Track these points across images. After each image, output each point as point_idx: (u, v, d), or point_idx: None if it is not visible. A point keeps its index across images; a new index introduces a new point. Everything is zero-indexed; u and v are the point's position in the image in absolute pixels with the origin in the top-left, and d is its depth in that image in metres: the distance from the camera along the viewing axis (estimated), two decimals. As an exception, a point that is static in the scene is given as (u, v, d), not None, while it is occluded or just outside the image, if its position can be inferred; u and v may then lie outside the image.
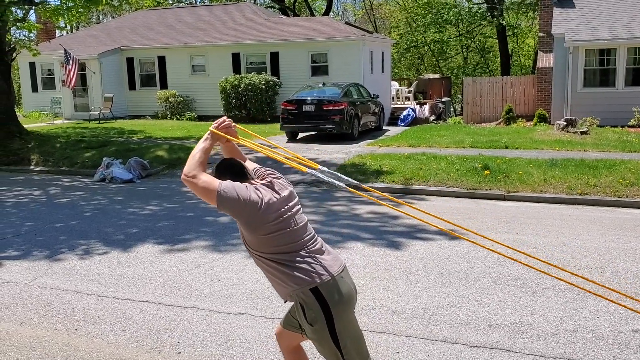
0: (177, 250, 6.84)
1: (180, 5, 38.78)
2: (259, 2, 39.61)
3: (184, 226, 7.94)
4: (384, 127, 19.40)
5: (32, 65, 24.80)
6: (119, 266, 6.26)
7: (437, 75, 31.77)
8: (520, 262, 3.77)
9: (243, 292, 5.40)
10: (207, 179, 2.79)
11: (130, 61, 24.04)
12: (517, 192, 9.57)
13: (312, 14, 38.30)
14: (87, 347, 4.37)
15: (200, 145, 2.95)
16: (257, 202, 2.74)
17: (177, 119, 22.44)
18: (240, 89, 20.95)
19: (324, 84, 17.70)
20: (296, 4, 39.30)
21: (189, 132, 17.70)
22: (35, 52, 17.35)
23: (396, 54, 37.70)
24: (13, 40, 18.31)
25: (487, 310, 4.90)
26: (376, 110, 18.35)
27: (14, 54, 16.52)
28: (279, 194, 2.85)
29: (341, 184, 3.08)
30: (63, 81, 22.98)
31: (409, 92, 26.36)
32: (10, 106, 15.79)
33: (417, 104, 23.74)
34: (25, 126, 16.73)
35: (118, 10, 21.39)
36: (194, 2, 42.59)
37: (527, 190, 9.58)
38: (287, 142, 15.72)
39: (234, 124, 3.07)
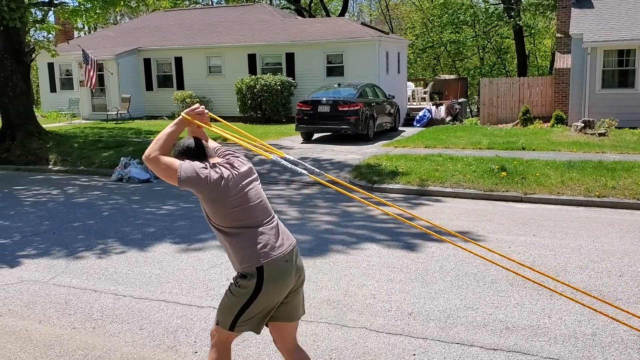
0: (194, 249, 6.88)
1: (197, 6, 39.00)
2: (275, 3, 39.72)
3: (200, 226, 7.98)
4: (400, 128, 19.36)
5: (50, 66, 25.11)
6: (136, 265, 6.31)
7: (453, 76, 31.61)
8: (494, 262, 3.75)
9: (259, 293, 5.41)
10: (168, 160, 2.94)
11: (147, 62, 24.24)
12: (534, 194, 9.49)
13: (328, 15, 38.31)
14: (105, 346, 4.41)
15: (168, 129, 3.06)
16: (217, 179, 2.89)
17: (193, 120, 22.53)
18: (255, 90, 21.02)
19: (339, 84, 17.70)
20: (312, 4, 39.34)
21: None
22: (53, 52, 17.55)
23: (412, 54, 37.59)
24: (32, 41, 18.54)
25: (503, 312, 4.86)
26: (392, 111, 18.31)
27: (33, 55, 16.71)
28: (238, 170, 3.00)
29: (304, 172, 3.22)
30: (81, 82, 23.25)
31: (425, 92, 26.25)
32: (30, 106, 15.98)
33: (433, 104, 23.65)
34: (44, 126, 16.93)
35: (135, 12, 21.57)
36: (210, 3, 42.80)
37: (544, 192, 9.50)
38: (302, 143, 15.75)
39: (207, 111, 3.20)
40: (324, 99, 16.02)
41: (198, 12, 29.83)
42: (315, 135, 16.75)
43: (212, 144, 3.25)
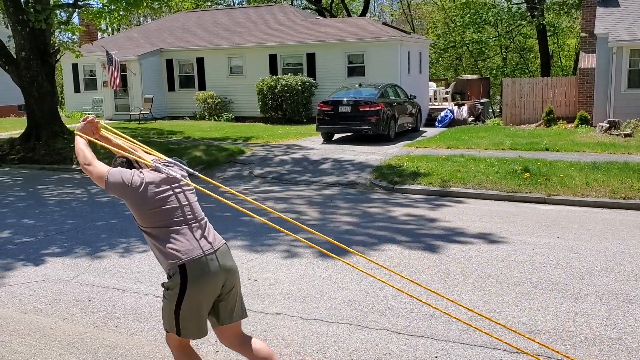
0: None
1: (219, 7, 39.23)
2: (296, 3, 39.80)
3: (221, 225, 7.99)
4: (421, 129, 19.26)
5: (74, 67, 25.47)
6: (158, 264, 6.32)
7: (475, 76, 31.35)
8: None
9: (280, 293, 5.42)
10: (100, 166, 3.22)
11: (169, 63, 24.45)
12: (558, 195, 9.36)
13: (349, 15, 38.25)
14: (127, 344, 4.44)
15: (80, 146, 3.36)
16: (138, 183, 3.12)
17: (215, 120, 22.71)
18: (276, 90, 21.08)
19: (360, 84, 17.66)
20: (333, 4, 39.33)
21: (225, 133, 17.88)
22: (78, 53, 17.79)
23: (434, 54, 37.36)
24: (57, 42, 18.81)
25: (527, 315, 4.80)
26: (413, 111, 18.21)
27: (58, 56, 16.95)
28: (164, 176, 3.21)
29: (180, 174, 3.28)
30: (105, 82, 23.53)
31: (447, 92, 26.08)
32: (54, 107, 16.21)
33: (455, 104, 23.47)
34: (68, 126, 17.16)
35: (158, 13, 21.77)
36: (232, 4, 43.03)
37: (569, 193, 9.36)
38: (322, 143, 15.74)
39: (97, 120, 3.49)
40: (345, 99, 16.00)
41: (220, 12, 30.02)
42: (336, 136, 16.73)
43: (148, 157, 3.45)
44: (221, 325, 3.28)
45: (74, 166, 14.06)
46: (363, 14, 37.29)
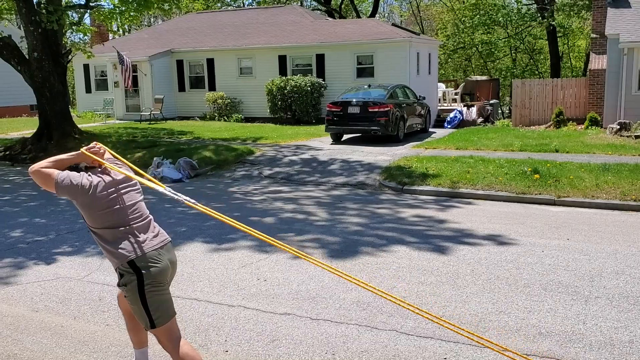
0: (224, 249, 6.93)
1: (229, 8, 39.34)
2: (305, 4, 39.83)
3: (230, 225, 8.04)
4: (430, 129, 19.23)
5: (86, 67, 25.64)
6: (168, 264, 6.39)
7: (484, 77, 31.24)
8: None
9: (289, 293, 5.44)
10: (48, 171, 3.26)
11: (180, 63, 24.55)
12: (567, 197, 9.32)
13: (358, 16, 38.25)
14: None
15: (66, 155, 3.42)
16: (87, 185, 3.24)
17: (225, 121, 22.79)
18: (286, 91, 21.12)
19: (369, 85, 17.66)
20: (342, 6, 39.33)
21: (235, 134, 17.94)
22: (89, 54, 17.90)
23: (443, 55, 37.27)
24: (69, 43, 18.95)
25: (537, 317, 4.78)
26: (422, 112, 18.19)
27: (70, 56, 17.07)
28: (111, 178, 3.33)
29: (181, 198, 3.43)
30: (116, 82, 23.68)
31: (456, 94, 26.00)
32: (66, 107, 16.32)
33: (464, 106, 23.42)
34: (79, 126, 17.28)
35: (168, 14, 21.86)
36: (242, 5, 43.14)
37: (579, 195, 9.32)
38: (331, 144, 15.75)
39: (104, 149, 3.50)
40: (354, 100, 16.01)
41: (230, 14, 30.10)
42: (345, 137, 16.74)
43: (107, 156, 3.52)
44: None
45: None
46: (372, 15, 37.27)
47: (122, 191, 3.35)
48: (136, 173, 3.56)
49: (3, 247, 7.14)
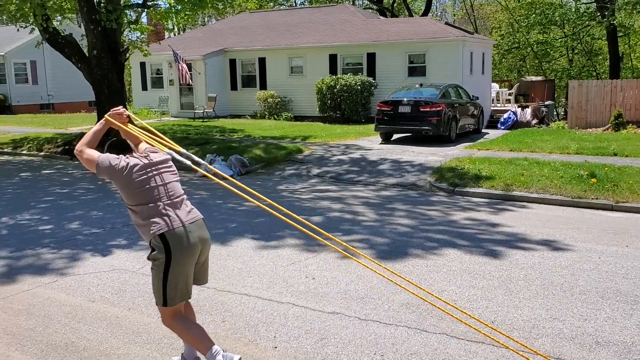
0: (273, 246, 6.99)
1: (281, 7, 39.65)
2: (357, 3, 39.74)
3: (280, 223, 8.08)
4: (483, 130, 18.89)
5: (142, 65, 26.33)
6: (220, 259, 6.49)
7: (540, 78, 30.46)
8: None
9: (337, 292, 5.44)
10: (91, 152, 3.61)
11: (232, 62, 24.91)
12: (626, 202, 8.97)
13: (411, 15, 37.89)
14: (189, 336, 4.55)
15: (94, 128, 3.77)
16: (124, 167, 3.52)
17: (274, 119, 22.99)
18: (335, 90, 21.13)
19: (421, 84, 17.48)
20: (395, 4, 39.07)
21: (284, 132, 18.07)
22: (146, 52, 18.36)
23: (497, 55, 36.51)
24: (126, 41, 19.49)
25: (593, 326, 4.63)
26: (475, 112, 17.88)
27: (127, 54, 17.55)
28: (148, 160, 3.60)
29: (199, 168, 3.75)
30: (171, 81, 24.23)
31: (510, 94, 25.45)
32: (123, 104, 16.78)
33: (518, 106, 22.90)
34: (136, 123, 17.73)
35: (222, 13, 22.23)
36: (294, 4, 43.40)
37: (639, 200, 8.96)
38: (381, 143, 15.66)
39: (127, 112, 3.81)
40: (405, 99, 15.88)
41: (282, 13, 30.35)
42: (395, 136, 16.62)
43: (143, 145, 3.84)
44: None
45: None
46: (425, 14, 36.88)
47: (158, 172, 3.60)
48: (154, 137, 3.84)
49: (62, 239, 7.41)
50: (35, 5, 14.47)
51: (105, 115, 3.69)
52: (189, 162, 3.82)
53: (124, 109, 3.86)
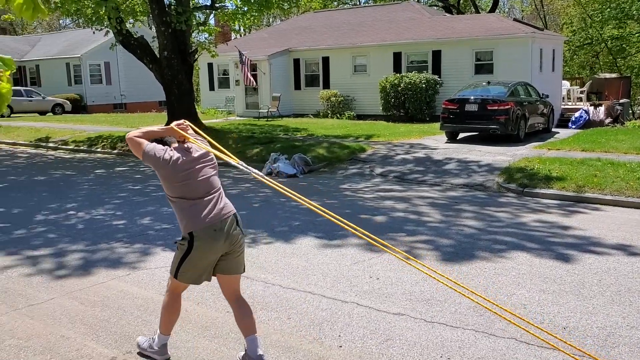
0: (336, 245, 7.00)
1: (346, 6, 39.69)
2: (422, 0, 39.25)
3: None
4: (553, 129, 18.24)
5: (210, 66, 26.98)
6: (284, 256, 6.57)
7: (614, 75, 29.09)
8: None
9: (402, 293, 5.39)
10: (140, 141, 3.77)
11: (296, 62, 25.14)
12: None
13: (477, 12, 37.09)
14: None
15: (156, 128, 3.91)
16: (168, 159, 3.71)
17: (337, 118, 23.03)
18: (400, 88, 20.95)
19: (488, 82, 17.08)
20: (461, 1, 38.33)
21: (347, 131, 18.06)
22: (214, 53, 18.80)
23: (568, 51, 35.21)
24: (195, 42, 20.03)
25: (675, 337, 4.38)
26: (545, 111, 17.30)
27: (196, 56, 18.03)
28: (190, 155, 3.78)
29: (257, 175, 3.83)
30: (237, 81, 24.71)
31: (582, 92, 24.47)
32: (192, 103, 17.29)
33: (590, 105, 21.98)
34: (203, 122, 18.21)
35: (287, 13, 22.49)
36: (358, 3, 43.35)
37: None
38: (446, 142, 15.41)
39: (189, 127, 3.94)
40: (472, 97, 15.56)
41: (346, 12, 30.37)
42: (461, 135, 16.31)
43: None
44: (219, 273, 3.92)
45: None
46: (492, 10, 36.02)
47: (198, 166, 3.78)
48: (213, 147, 4.00)
49: (134, 234, 7.69)
50: (109, 8, 15.10)
51: (172, 125, 3.87)
52: (247, 169, 3.90)
53: (186, 122, 4.01)
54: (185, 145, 3.81)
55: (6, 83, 1.62)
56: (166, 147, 3.79)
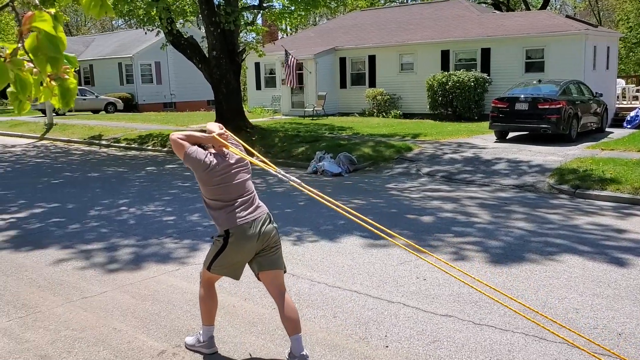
0: (381, 245, 6.95)
1: (393, 4, 39.42)
2: (471, -2, 38.59)
3: (387, 222, 8.04)
4: (607, 129, 17.68)
5: (257, 65, 27.26)
6: (329, 255, 6.58)
7: (674, 72, 27.96)
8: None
9: (449, 294, 5.31)
10: (183, 143, 3.95)
11: (342, 61, 25.13)
12: None
13: (528, 9, 36.25)
14: (301, 330, 4.63)
15: (198, 134, 4.09)
16: (207, 163, 3.89)
17: (383, 117, 22.91)
18: (447, 87, 20.69)
19: (539, 80, 16.69)
20: (511, -2, 37.53)
21: (393, 130, 17.94)
22: (261, 53, 18.97)
23: (623, 49, 34.06)
24: (243, 42, 20.27)
25: None
26: (598, 110, 16.78)
27: (244, 55, 18.24)
28: (227, 160, 3.96)
29: (293, 181, 4.02)
30: (283, 80, 24.90)
31: (638, 91, 23.62)
32: (239, 102, 17.50)
33: (647, 104, 21.19)
34: (250, 121, 18.40)
35: (335, 12, 22.51)
36: (406, 1, 42.99)
37: None
38: (495, 142, 15.12)
39: (229, 133, 4.13)
40: (522, 96, 15.23)
41: (393, 10, 30.19)
42: (510, 134, 15.97)
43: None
44: (260, 271, 4.05)
45: (254, 159, 15.07)
46: (543, 7, 35.16)
47: (234, 171, 3.96)
48: (249, 153, 4.19)
49: (183, 230, 7.84)
50: (160, 9, 15.43)
51: (214, 135, 4.03)
52: (284, 177, 4.13)
53: (226, 132, 4.17)
54: (224, 150, 3.99)
55: (73, 78, 1.67)
56: (206, 151, 3.96)
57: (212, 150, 3.98)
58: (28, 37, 1.51)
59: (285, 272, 4.15)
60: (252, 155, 4.21)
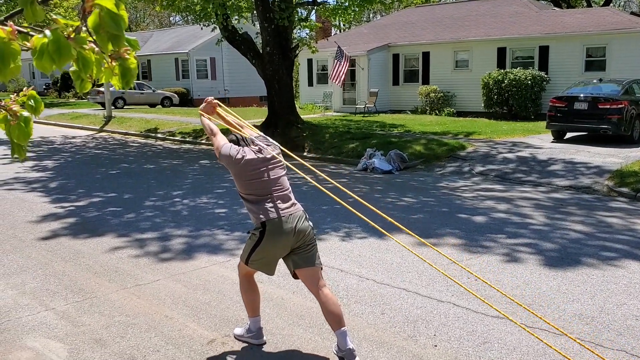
0: (431, 243, 6.86)
1: (448, 1, 38.83)
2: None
3: (438, 221, 7.95)
4: (672, 131, 16.86)
5: (309, 62, 27.35)
6: (378, 251, 6.54)
7: None
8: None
9: (501, 296, 5.18)
10: (220, 139, 4.12)
11: (395, 57, 24.93)
12: None
13: (589, 5, 35.02)
14: (349, 324, 4.61)
15: (205, 122, 4.33)
16: (240, 159, 3.96)
17: (436, 114, 22.62)
18: (503, 85, 20.24)
19: (600, 79, 16.08)
20: (572, -6, 36.32)
21: (446, 128, 17.68)
22: (314, 49, 19.00)
23: (693, 47, 32.39)
24: (296, 38, 20.37)
25: None
26: (663, 111, 16.03)
27: (297, 51, 18.32)
28: (261, 155, 4.01)
29: (275, 153, 4.06)
30: (331, 76, 24.90)
31: None
32: (291, 98, 17.58)
33: None
34: (302, 117, 18.49)
35: (390, 8, 22.36)
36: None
37: None
38: (552, 142, 14.68)
39: (215, 101, 4.36)
40: (582, 95, 14.72)
41: (448, 7, 29.71)
42: (568, 135, 15.48)
43: (251, 132, 4.26)
44: (296, 269, 4.06)
45: (304, 153, 15.15)
46: (606, 4, 33.87)
47: (269, 167, 4.02)
48: (234, 123, 4.30)
49: (234, 222, 7.95)
50: (216, 5, 15.67)
51: (199, 110, 4.31)
52: (272, 152, 4.14)
53: (212, 98, 4.39)
54: (257, 148, 4.05)
55: (133, 59, 1.71)
56: (240, 147, 4.04)
57: (248, 148, 4.05)
58: (90, 15, 1.54)
59: (321, 269, 4.16)
60: (242, 127, 4.33)
